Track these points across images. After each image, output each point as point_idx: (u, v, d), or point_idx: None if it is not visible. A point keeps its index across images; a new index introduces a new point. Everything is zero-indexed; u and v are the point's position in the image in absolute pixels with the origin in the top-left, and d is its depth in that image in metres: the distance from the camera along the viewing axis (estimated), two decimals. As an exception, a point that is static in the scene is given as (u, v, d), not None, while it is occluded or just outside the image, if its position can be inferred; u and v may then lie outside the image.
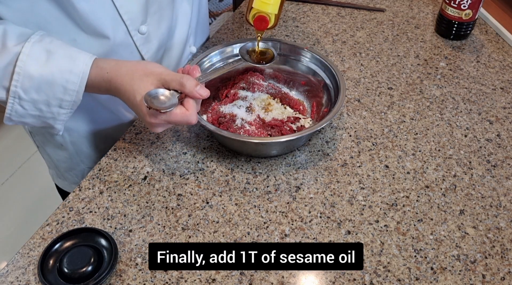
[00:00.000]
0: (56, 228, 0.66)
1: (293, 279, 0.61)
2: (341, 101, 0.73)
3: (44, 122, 0.69)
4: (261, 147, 0.73)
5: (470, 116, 0.83)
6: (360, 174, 0.73)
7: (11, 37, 0.63)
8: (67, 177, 0.93)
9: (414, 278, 0.61)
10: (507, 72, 0.93)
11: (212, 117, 0.80)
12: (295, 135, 0.70)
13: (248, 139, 0.72)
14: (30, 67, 0.62)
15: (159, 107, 0.60)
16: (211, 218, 0.67)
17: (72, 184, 0.94)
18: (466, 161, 0.75)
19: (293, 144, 0.75)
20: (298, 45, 0.84)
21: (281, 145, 0.73)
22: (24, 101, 0.65)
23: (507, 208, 0.69)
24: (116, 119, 0.85)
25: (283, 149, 0.75)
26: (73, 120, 0.80)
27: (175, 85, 0.63)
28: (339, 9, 1.11)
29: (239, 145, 0.74)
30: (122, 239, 0.65)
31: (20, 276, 0.61)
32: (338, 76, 0.77)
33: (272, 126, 0.77)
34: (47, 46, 0.64)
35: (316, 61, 0.82)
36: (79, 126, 0.83)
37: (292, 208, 0.68)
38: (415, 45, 0.99)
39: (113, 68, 0.65)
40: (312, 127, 0.71)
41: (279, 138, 0.70)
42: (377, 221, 0.67)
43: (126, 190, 0.71)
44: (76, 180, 0.92)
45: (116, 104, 0.80)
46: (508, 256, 0.63)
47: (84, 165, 0.90)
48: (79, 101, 0.67)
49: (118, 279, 0.61)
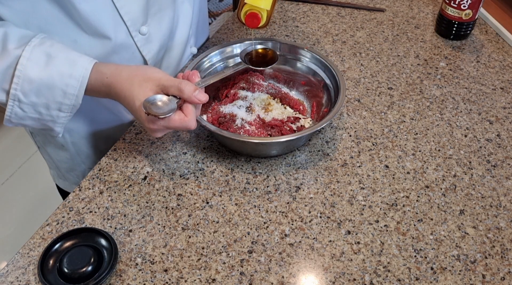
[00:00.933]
0: (56, 228, 0.66)
1: (293, 279, 0.61)
2: (341, 101, 0.73)
3: (44, 124, 0.69)
4: (261, 147, 0.73)
5: (470, 116, 0.83)
6: (360, 174, 0.73)
7: (12, 39, 0.63)
8: (68, 177, 0.93)
9: (414, 278, 0.61)
10: (507, 72, 0.93)
11: (212, 117, 0.80)
12: (295, 135, 0.70)
13: (248, 139, 0.72)
14: (30, 71, 0.62)
15: (157, 113, 0.61)
16: (211, 218, 0.67)
17: (73, 184, 0.94)
18: (466, 161, 0.75)
19: (293, 144, 0.75)
20: (297, 45, 0.84)
21: (281, 145, 0.73)
22: (24, 104, 0.65)
23: (507, 208, 0.69)
24: (117, 120, 0.85)
25: (283, 149, 0.75)
26: (74, 121, 0.80)
27: (174, 90, 0.63)
28: (339, 9, 1.11)
29: (239, 145, 0.74)
30: (122, 239, 0.65)
31: (20, 276, 0.61)
32: (338, 76, 0.77)
33: (272, 126, 0.77)
34: (47, 50, 0.64)
35: (316, 61, 0.82)
36: (80, 127, 0.83)
37: (292, 208, 0.68)
38: (415, 45, 0.99)
39: (113, 73, 0.65)
40: (312, 127, 0.70)
41: (279, 138, 0.70)
42: (377, 221, 0.67)
43: (126, 190, 0.71)
44: (77, 181, 0.92)
45: (117, 105, 0.80)
46: (508, 256, 0.63)
47: (85, 166, 0.90)
48: (78, 105, 0.67)
49: (118, 279, 0.61)
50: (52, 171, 0.97)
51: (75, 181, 0.93)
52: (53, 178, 0.99)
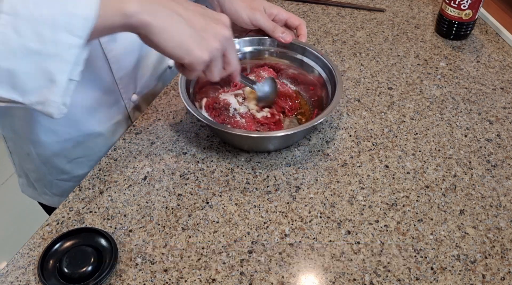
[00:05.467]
0: (56, 228, 0.66)
1: (293, 279, 0.61)
2: (337, 98, 0.73)
3: (43, 70, 0.49)
4: (251, 141, 0.73)
5: (470, 116, 0.83)
6: (360, 174, 0.73)
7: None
8: (36, 186, 0.88)
9: (414, 278, 0.61)
10: (507, 72, 0.93)
11: (208, 101, 0.80)
12: (293, 130, 0.70)
13: (240, 132, 0.72)
14: None
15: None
16: (211, 218, 0.67)
17: (42, 194, 0.88)
18: (466, 161, 0.75)
19: (290, 139, 0.75)
20: (302, 44, 0.83)
21: (278, 139, 0.73)
22: (21, 19, 0.46)
23: (507, 208, 0.69)
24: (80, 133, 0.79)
25: (280, 144, 0.75)
26: (39, 134, 0.76)
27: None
28: (339, 9, 1.11)
29: (230, 138, 0.74)
30: (122, 239, 0.65)
31: (20, 276, 0.61)
32: (336, 73, 0.77)
33: (261, 124, 0.77)
34: None
35: (315, 59, 0.82)
36: (43, 138, 0.77)
37: (292, 208, 0.68)
38: (415, 45, 0.99)
39: None
40: (308, 123, 0.70)
41: (275, 132, 0.71)
42: (377, 221, 0.67)
43: (126, 190, 0.71)
44: (45, 191, 0.87)
45: (88, 116, 0.76)
46: (508, 256, 0.63)
47: (51, 177, 0.84)
48: (92, 25, 0.49)
49: (118, 279, 0.61)
50: (20, 179, 0.92)
51: (43, 191, 0.87)
52: (22, 188, 0.93)
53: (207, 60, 0.58)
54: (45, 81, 0.49)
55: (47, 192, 0.88)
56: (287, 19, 0.82)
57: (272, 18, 0.82)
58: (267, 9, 0.81)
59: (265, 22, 0.80)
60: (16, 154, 0.86)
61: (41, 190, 0.88)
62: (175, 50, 0.56)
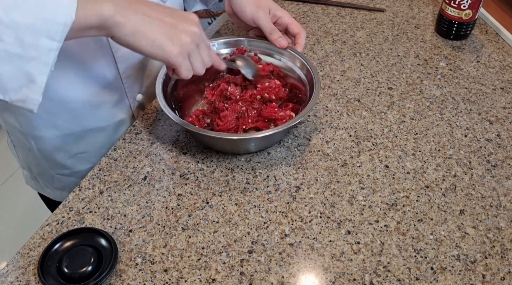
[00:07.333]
0: (56, 228, 0.66)
1: (293, 279, 0.61)
2: (315, 97, 0.73)
3: (22, 72, 0.53)
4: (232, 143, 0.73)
5: (470, 116, 0.83)
6: (360, 174, 0.73)
7: None
8: (39, 180, 0.89)
9: (414, 278, 0.61)
10: (507, 72, 0.93)
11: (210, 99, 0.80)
12: (272, 130, 0.69)
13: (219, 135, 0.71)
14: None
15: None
16: (211, 218, 0.67)
17: (45, 188, 0.90)
18: (466, 161, 0.75)
19: (270, 140, 0.75)
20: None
21: (258, 141, 0.73)
22: (3, 26, 0.49)
23: (507, 208, 0.69)
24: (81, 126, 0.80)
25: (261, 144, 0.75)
26: (40, 129, 0.76)
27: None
28: (339, 9, 1.11)
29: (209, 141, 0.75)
30: (122, 239, 0.65)
31: (20, 276, 0.61)
32: (312, 71, 0.77)
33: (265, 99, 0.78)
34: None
35: (294, 59, 0.81)
36: (43, 132, 0.78)
37: (292, 208, 0.68)
38: (415, 45, 0.99)
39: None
40: (286, 123, 0.70)
41: (255, 134, 0.71)
42: (377, 221, 0.67)
43: (126, 190, 0.71)
44: (47, 184, 0.88)
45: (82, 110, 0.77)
46: (508, 256, 0.63)
47: (53, 172, 0.85)
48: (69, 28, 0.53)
49: (118, 279, 0.61)
50: (25, 171, 0.93)
51: (45, 185, 0.89)
52: (26, 180, 0.94)
53: (180, 53, 0.62)
54: (26, 81, 0.53)
55: (49, 186, 0.89)
56: (288, 24, 0.82)
57: (275, 20, 0.81)
58: (272, 10, 0.80)
59: (265, 23, 0.80)
60: (20, 147, 0.87)
61: (44, 183, 0.90)
62: (148, 48, 0.60)
